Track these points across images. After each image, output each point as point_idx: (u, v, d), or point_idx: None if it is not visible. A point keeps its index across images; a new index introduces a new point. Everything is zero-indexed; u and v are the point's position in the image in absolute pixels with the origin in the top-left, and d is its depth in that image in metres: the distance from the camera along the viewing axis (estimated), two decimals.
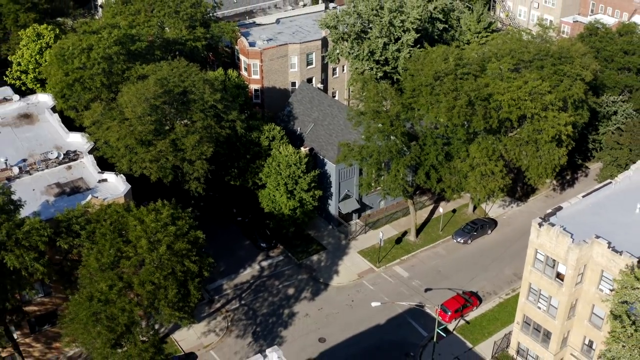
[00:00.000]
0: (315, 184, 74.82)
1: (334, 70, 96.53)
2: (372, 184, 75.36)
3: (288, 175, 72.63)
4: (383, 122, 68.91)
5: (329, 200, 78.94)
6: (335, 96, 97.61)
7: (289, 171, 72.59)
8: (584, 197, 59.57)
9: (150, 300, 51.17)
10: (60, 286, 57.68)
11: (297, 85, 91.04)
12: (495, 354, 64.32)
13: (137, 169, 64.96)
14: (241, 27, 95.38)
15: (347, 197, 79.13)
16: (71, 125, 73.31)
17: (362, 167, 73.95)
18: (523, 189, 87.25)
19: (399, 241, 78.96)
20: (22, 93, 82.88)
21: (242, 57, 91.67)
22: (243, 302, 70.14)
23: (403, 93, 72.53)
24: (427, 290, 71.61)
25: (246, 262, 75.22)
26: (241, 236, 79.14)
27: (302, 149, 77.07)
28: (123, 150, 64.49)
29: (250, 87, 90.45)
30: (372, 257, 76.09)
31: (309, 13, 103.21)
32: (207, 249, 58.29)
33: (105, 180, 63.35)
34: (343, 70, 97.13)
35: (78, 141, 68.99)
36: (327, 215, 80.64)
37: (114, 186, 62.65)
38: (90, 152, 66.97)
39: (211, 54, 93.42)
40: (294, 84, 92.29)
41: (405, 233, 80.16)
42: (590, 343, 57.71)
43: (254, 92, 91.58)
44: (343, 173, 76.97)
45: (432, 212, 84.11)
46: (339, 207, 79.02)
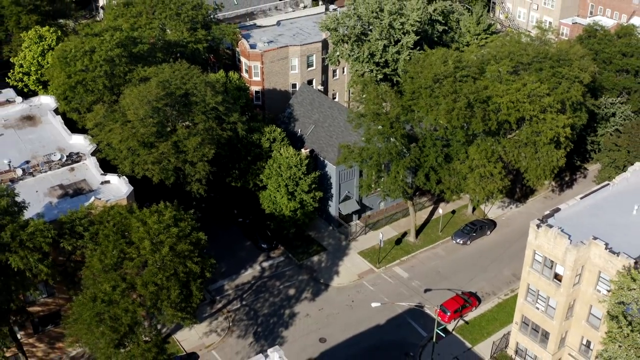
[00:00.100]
0: (315, 186, 75.20)
1: (334, 72, 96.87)
2: (372, 186, 75.71)
3: (289, 176, 73.05)
4: (383, 124, 69.30)
5: (329, 201, 79.34)
6: (335, 98, 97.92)
7: (290, 173, 73.01)
8: (581, 198, 59.83)
9: (153, 300, 51.55)
10: (64, 287, 58.08)
11: (297, 87, 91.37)
12: (494, 354, 64.69)
13: (140, 171, 65.20)
14: (242, 29, 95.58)
15: (347, 198, 79.53)
16: (74, 127, 73.65)
17: (362, 169, 74.36)
18: (522, 190, 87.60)
19: (398, 242, 79.33)
20: (24, 95, 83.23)
21: (243, 59, 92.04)
22: (244, 302, 70.58)
23: (403, 95, 72.85)
24: (426, 290, 72.04)
25: (247, 263, 75.62)
26: (242, 237, 79.52)
27: (302, 150, 77.44)
28: (125, 152, 64.74)
29: (251, 88, 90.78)
30: (372, 258, 76.50)
31: (310, 15, 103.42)
32: (208, 250, 58.50)
33: (107, 182, 63.71)
34: (343, 72, 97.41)
35: (81, 143, 69.39)
36: (328, 216, 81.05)
37: (117, 188, 63.04)
38: (92, 154, 67.38)
39: (212, 56, 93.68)
40: (294, 86, 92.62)
41: (405, 234, 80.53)
42: (588, 343, 58.07)
43: (254, 93, 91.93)
44: (343, 174, 77.38)
45: (431, 213, 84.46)
46: (339, 208, 79.42)
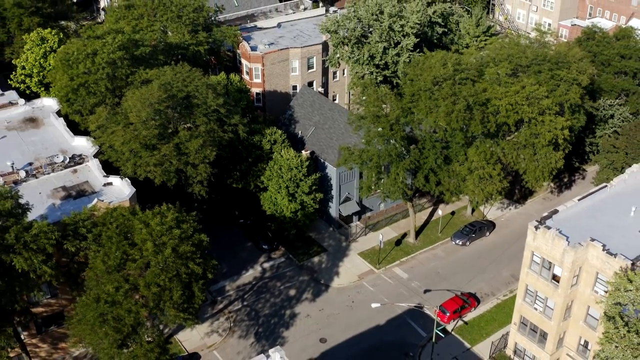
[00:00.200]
0: (316, 187, 75.72)
1: (335, 74, 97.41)
2: (372, 187, 76.24)
3: (289, 178, 73.56)
4: (383, 126, 69.79)
5: (329, 202, 79.85)
6: (335, 99, 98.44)
7: (291, 174, 73.54)
8: (579, 200, 60.19)
9: (156, 301, 52.12)
10: (67, 288, 58.53)
11: (298, 88, 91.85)
12: (493, 354, 65.15)
13: (142, 173, 65.80)
14: (243, 31, 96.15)
15: (347, 199, 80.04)
16: (76, 129, 73.99)
17: (363, 171, 74.77)
18: (521, 191, 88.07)
19: (398, 243, 79.80)
20: (26, 96, 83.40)
21: (243, 61, 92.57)
22: (245, 303, 71.11)
23: (402, 97, 73.31)
24: (426, 291, 72.55)
25: (248, 264, 76.13)
26: (243, 238, 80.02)
27: (303, 152, 77.91)
28: (128, 154, 65.34)
29: (252, 90, 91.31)
30: (372, 259, 77.00)
31: (310, 17, 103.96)
32: (209, 251, 58.92)
33: (110, 184, 63.92)
34: (343, 73, 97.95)
35: (83, 145, 69.60)
36: (328, 217, 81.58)
37: (119, 190, 63.31)
38: (95, 155, 67.61)
39: (213, 58, 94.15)
40: (295, 88, 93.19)
41: (404, 235, 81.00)
42: (586, 343, 58.54)
43: (255, 95, 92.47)
44: (343, 176, 77.91)
45: (431, 215, 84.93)
46: (339, 210, 79.93)
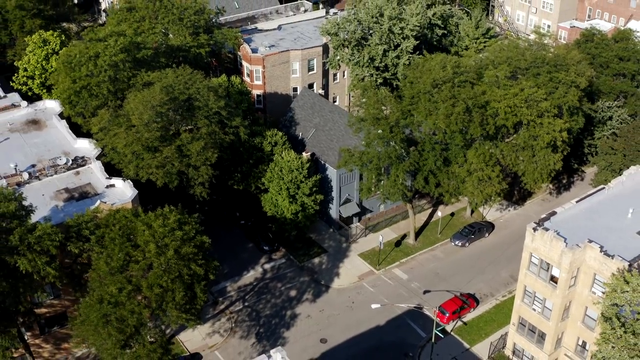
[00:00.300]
0: (316, 189, 76.19)
1: (335, 75, 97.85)
2: (372, 189, 76.82)
3: (290, 180, 74.06)
4: (383, 128, 70.26)
5: (330, 204, 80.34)
6: (336, 101, 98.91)
7: (291, 176, 74.03)
8: (577, 202, 60.71)
9: (159, 302, 52.69)
10: (70, 289, 59.05)
11: (298, 90, 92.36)
12: (492, 354, 65.66)
13: (144, 175, 66.24)
14: (243, 33, 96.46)
15: (347, 201, 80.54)
16: (78, 131, 74.47)
17: (363, 172, 75.29)
18: (520, 192, 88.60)
19: (398, 244, 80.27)
20: (28, 98, 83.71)
21: (244, 63, 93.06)
22: (246, 303, 71.65)
23: (402, 100, 73.85)
24: (425, 292, 73.05)
25: (249, 265, 76.67)
26: (244, 239, 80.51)
27: (303, 154, 78.38)
28: (130, 156, 65.84)
29: (253, 92, 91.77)
30: (372, 260, 77.49)
31: (310, 19, 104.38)
32: (211, 252, 59.25)
33: (112, 186, 64.47)
34: (344, 75, 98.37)
35: (85, 147, 70.10)
36: (328, 218, 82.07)
37: (122, 191, 63.85)
38: (97, 157, 68.15)
39: (214, 60, 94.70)
40: (295, 90, 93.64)
41: (404, 236, 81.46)
42: (584, 344, 59.08)
43: (256, 97, 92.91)
44: (344, 178, 78.41)
45: (430, 216, 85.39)
46: (339, 211, 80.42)
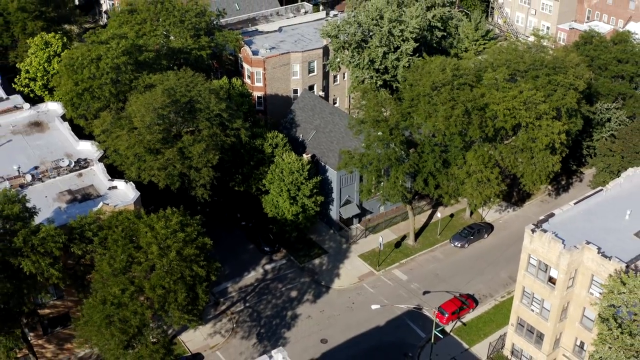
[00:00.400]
0: (317, 190, 76.65)
1: (335, 77, 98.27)
2: (372, 190, 77.31)
3: (291, 181, 74.52)
4: (383, 130, 70.72)
5: (330, 205, 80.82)
6: (336, 103, 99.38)
7: (292, 178, 74.50)
8: (575, 204, 61.22)
9: (161, 303, 53.14)
10: (73, 290, 59.50)
11: (299, 92, 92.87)
12: (491, 354, 66.14)
13: (146, 177, 66.69)
14: (244, 35, 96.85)
15: (347, 202, 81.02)
16: (80, 133, 74.98)
17: (363, 174, 75.74)
18: (519, 194, 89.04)
19: (398, 245, 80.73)
20: (30, 100, 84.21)
21: (245, 65, 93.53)
22: (247, 304, 72.16)
23: (402, 102, 74.28)
24: (425, 293, 73.53)
25: (250, 266, 77.16)
26: (245, 240, 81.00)
27: (304, 156, 78.85)
28: (132, 158, 66.27)
29: (254, 94, 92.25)
30: (372, 261, 77.97)
31: (311, 21, 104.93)
32: (212, 253, 59.71)
33: (115, 188, 65.04)
34: (344, 77, 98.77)
35: (88, 149, 70.59)
36: (329, 220, 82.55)
37: (124, 193, 64.40)
38: (100, 159, 68.64)
39: (215, 62, 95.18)
40: (296, 92, 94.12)
41: (404, 237, 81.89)
42: (582, 344, 59.60)
43: (257, 99, 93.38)
44: (344, 179, 78.87)
45: (430, 217, 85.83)
46: (340, 212, 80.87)
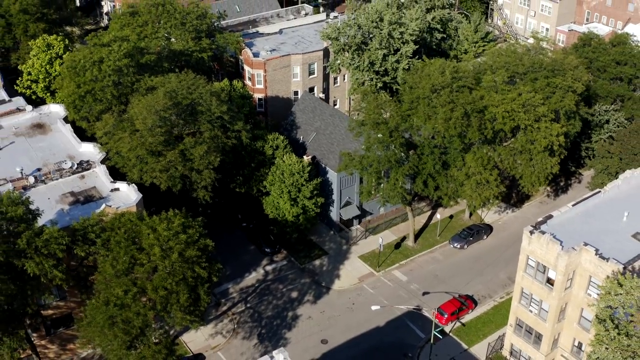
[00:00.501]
0: (317, 192, 77.07)
1: (335, 79, 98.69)
2: (372, 192, 77.74)
3: (291, 183, 74.98)
4: (382, 132, 71.21)
5: (330, 206, 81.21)
6: (336, 105, 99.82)
7: (292, 179, 74.96)
8: (573, 205, 61.70)
9: (163, 304, 53.66)
10: (76, 291, 59.99)
11: (299, 94, 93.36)
12: (490, 355, 66.57)
13: (148, 178, 67.15)
14: (245, 37, 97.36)
15: (348, 203, 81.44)
16: (83, 135, 75.50)
17: (363, 176, 76.22)
18: (518, 195, 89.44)
19: (398, 246, 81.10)
20: (32, 102, 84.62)
21: (246, 67, 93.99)
22: (248, 305, 72.62)
23: (402, 104, 74.76)
24: (424, 293, 73.97)
25: (251, 267, 77.57)
26: (246, 241, 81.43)
27: (304, 157, 79.28)
28: (134, 160, 66.77)
29: (254, 96, 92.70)
30: (372, 262, 78.40)
31: (311, 23, 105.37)
32: (213, 254, 60.26)
33: (117, 190, 65.50)
34: (344, 79, 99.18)
35: (90, 151, 71.03)
36: (329, 221, 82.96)
37: (126, 195, 64.86)
38: (102, 161, 69.12)
39: (216, 64, 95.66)
40: (296, 93, 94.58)
41: (404, 238, 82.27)
42: (580, 345, 60.09)
43: (257, 101, 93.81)
44: (344, 181, 79.26)
45: (429, 218, 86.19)
46: (340, 214, 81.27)
